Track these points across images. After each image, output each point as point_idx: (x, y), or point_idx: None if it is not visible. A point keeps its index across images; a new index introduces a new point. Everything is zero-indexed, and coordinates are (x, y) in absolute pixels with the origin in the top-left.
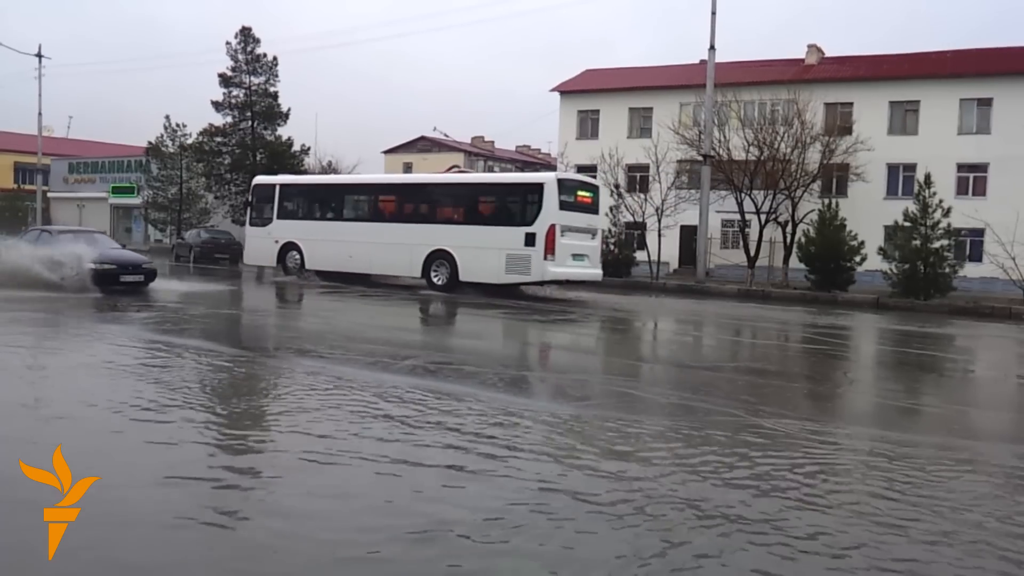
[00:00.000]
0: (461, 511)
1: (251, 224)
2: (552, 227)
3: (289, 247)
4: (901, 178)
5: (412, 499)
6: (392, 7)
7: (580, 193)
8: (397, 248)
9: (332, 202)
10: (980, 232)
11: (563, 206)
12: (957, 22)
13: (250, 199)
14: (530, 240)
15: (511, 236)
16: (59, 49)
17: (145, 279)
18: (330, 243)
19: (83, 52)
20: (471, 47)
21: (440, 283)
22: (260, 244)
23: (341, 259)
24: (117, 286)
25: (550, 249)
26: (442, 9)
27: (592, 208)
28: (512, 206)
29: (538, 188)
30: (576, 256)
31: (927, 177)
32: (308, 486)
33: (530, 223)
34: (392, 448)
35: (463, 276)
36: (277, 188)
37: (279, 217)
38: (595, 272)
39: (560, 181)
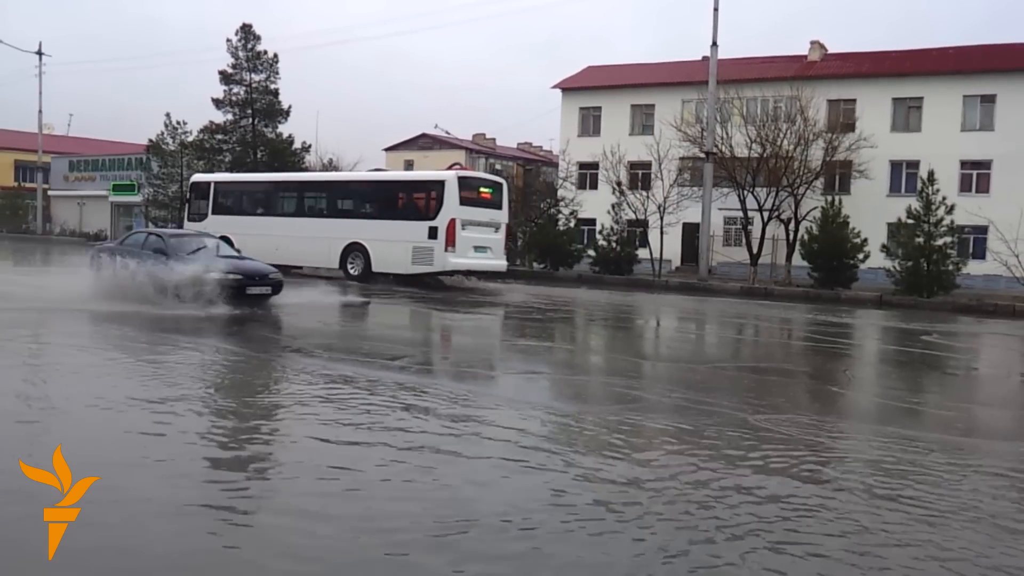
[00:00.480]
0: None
1: (188, 219)
2: (452, 221)
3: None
4: (904, 175)
5: (435, 491)
6: (391, 5)
7: (482, 190)
8: (317, 241)
9: (261, 198)
10: (983, 229)
11: (464, 202)
12: (955, 19)
13: (188, 196)
14: (433, 233)
15: (416, 230)
16: (59, 47)
17: (272, 291)
18: (259, 237)
19: (83, 50)
20: (470, 44)
21: (355, 273)
22: None
23: (269, 251)
24: (243, 299)
25: (451, 242)
26: (440, 7)
27: (494, 204)
28: (418, 202)
29: (440, 185)
30: (478, 248)
31: (930, 174)
32: (318, 482)
33: (433, 218)
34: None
35: (375, 267)
36: (212, 185)
37: (214, 212)
38: (498, 263)
39: (460, 179)
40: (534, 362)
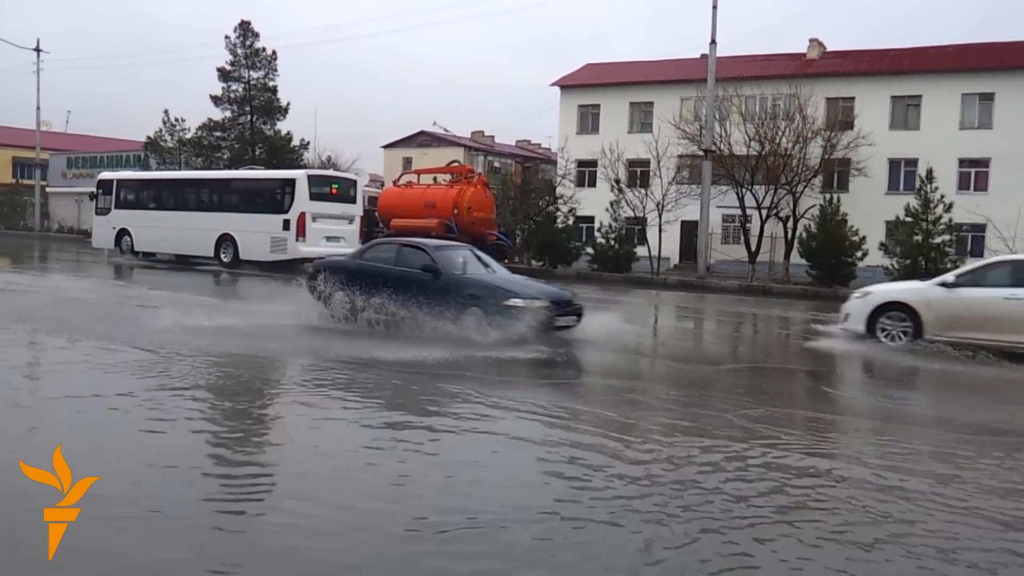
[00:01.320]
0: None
1: (96, 213)
2: (303, 215)
3: (123, 233)
4: (903, 173)
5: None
6: (387, 2)
7: (333, 187)
8: (197, 232)
9: (154, 195)
10: (982, 227)
11: (314, 197)
12: (954, 17)
13: (95, 192)
14: (286, 225)
15: (273, 222)
16: (55, 44)
17: (577, 319)
18: (151, 229)
19: (79, 47)
20: (468, 42)
21: (226, 261)
22: (102, 230)
23: (159, 242)
24: (549, 333)
25: (301, 232)
26: (438, 4)
27: (347, 199)
28: (275, 197)
29: (291, 182)
30: (330, 238)
31: (929, 172)
32: (315, 482)
33: (286, 211)
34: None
35: (242, 255)
36: (115, 183)
37: (116, 207)
38: (351, 251)
39: (310, 176)
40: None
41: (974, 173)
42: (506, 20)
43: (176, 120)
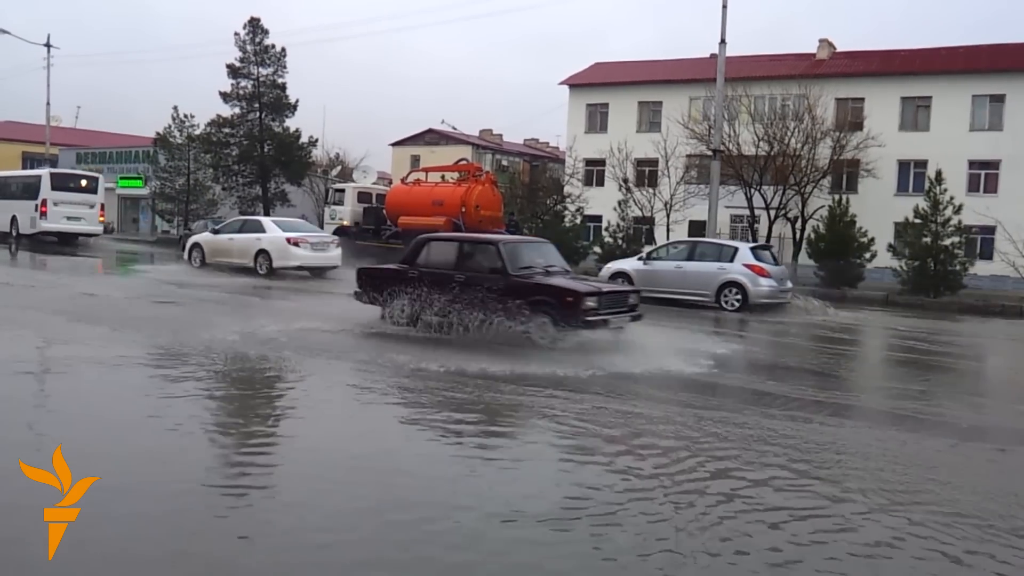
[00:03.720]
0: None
1: None
2: (44, 200)
3: None
4: (912, 174)
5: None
6: (392, 1)
7: (75, 181)
8: (2, 215)
9: None
10: (991, 229)
11: (56, 188)
12: (963, 16)
13: None
14: (35, 208)
15: (30, 206)
16: (57, 38)
17: None
18: None
19: (80, 40)
20: (477, 40)
21: (14, 235)
22: None
23: None
24: None
25: (44, 213)
26: (447, 2)
27: (88, 190)
28: (33, 188)
29: (38, 177)
30: (71, 218)
31: (938, 174)
32: (311, 485)
33: (35, 198)
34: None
35: (21, 231)
36: None
37: None
38: (91, 228)
39: (52, 174)
40: None
41: (984, 175)
42: (513, 18)
43: (185, 116)
